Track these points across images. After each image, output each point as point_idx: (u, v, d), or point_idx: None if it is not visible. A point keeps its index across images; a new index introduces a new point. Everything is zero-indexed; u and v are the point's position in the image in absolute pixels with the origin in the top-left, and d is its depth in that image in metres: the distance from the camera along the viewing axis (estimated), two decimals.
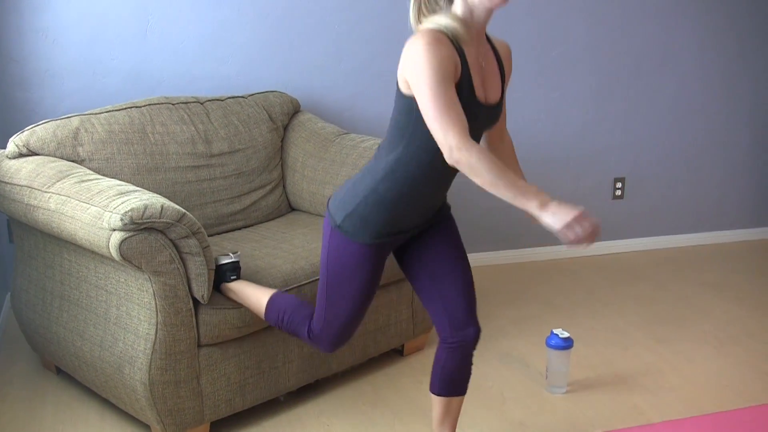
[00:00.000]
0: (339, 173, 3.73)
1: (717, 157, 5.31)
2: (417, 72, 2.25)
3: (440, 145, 2.24)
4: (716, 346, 3.92)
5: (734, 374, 3.65)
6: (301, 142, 3.94)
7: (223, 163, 3.72)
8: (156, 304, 2.83)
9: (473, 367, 2.78)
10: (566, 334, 3.42)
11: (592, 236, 2.19)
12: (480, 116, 2.40)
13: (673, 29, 4.97)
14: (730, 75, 5.19)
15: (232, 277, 3.00)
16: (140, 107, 3.60)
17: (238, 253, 3.08)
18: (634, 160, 5.13)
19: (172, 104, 3.70)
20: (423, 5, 2.38)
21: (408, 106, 2.36)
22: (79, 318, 3.13)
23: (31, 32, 3.93)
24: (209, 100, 3.84)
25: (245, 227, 3.76)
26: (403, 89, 2.36)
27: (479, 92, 2.37)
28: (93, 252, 2.95)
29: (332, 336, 2.70)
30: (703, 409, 3.35)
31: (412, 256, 2.67)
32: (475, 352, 3.71)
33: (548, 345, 3.43)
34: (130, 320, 2.91)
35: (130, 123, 3.51)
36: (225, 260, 3.01)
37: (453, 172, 2.51)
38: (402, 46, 2.51)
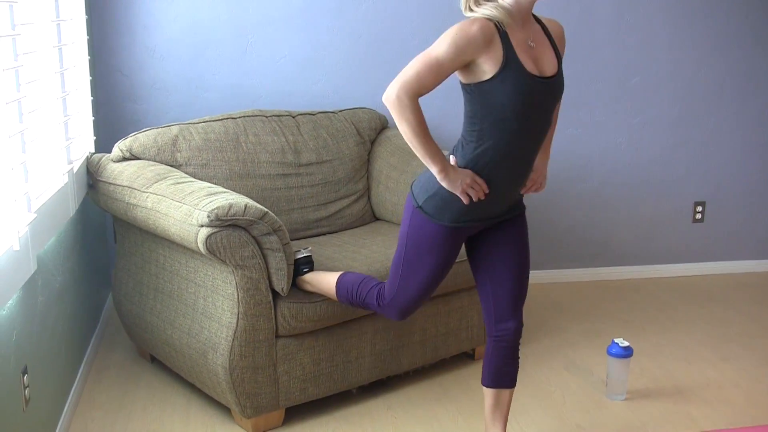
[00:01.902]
0: None
1: None
2: (440, 38, 2.52)
3: (391, 82, 2.55)
4: None
5: None
6: (386, 155, 4.16)
7: (311, 173, 3.97)
8: (238, 295, 3.09)
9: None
10: (626, 344, 3.54)
11: (480, 192, 2.64)
12: (537, 88, 2.59)
13: (755, 55, 5.03)
14: None
15: (305, 270, 3.24)
16: (235, 118, 3.89)
17: (310, 248, 3.32)
18: (715, 185, 5.19)
19: (266, 117, 3.98)
20: None
21: (469, 93, 2.60)
22: (171, 308, 3.42)
23: (141, 49, 4.29)
24: (300, 114, 4.10)
25: (329, 233, 3.99)
26: (461, 78, 2.61)
27: (530, 67, 2.57)
28: (184, 247, 3.24)
29: (401, 306, 2.93)
30: (758, 422, 3.43)
31: (479, 248, 2.87)
32: (540, 358, 3.89)
33: (609, 353, 3.56)
34: (215, 310, 3.18)
35: (225, 132, 3.80)
36: (299, 255, 3.24)
37: (529, 159, 2.72)
38: None
